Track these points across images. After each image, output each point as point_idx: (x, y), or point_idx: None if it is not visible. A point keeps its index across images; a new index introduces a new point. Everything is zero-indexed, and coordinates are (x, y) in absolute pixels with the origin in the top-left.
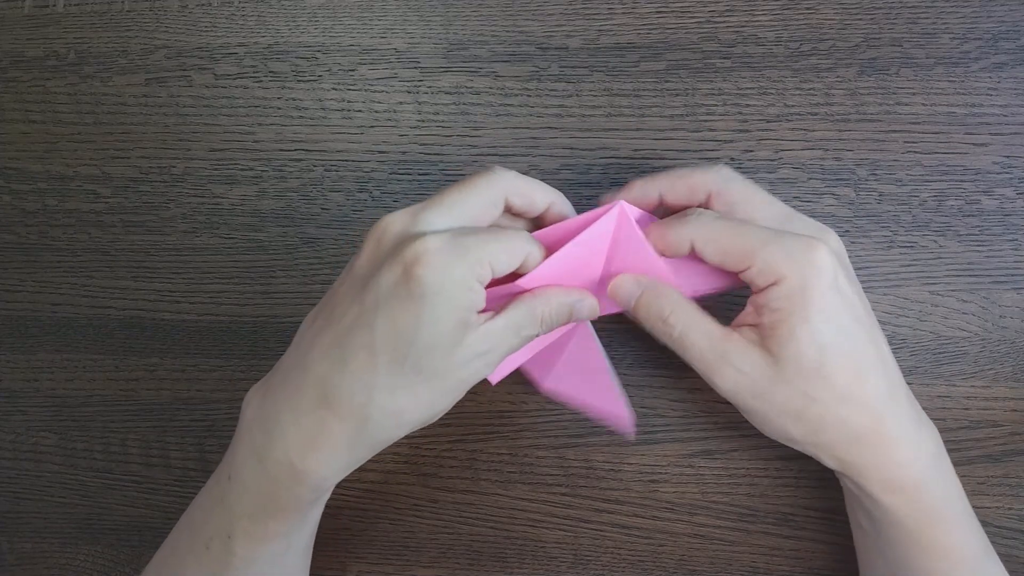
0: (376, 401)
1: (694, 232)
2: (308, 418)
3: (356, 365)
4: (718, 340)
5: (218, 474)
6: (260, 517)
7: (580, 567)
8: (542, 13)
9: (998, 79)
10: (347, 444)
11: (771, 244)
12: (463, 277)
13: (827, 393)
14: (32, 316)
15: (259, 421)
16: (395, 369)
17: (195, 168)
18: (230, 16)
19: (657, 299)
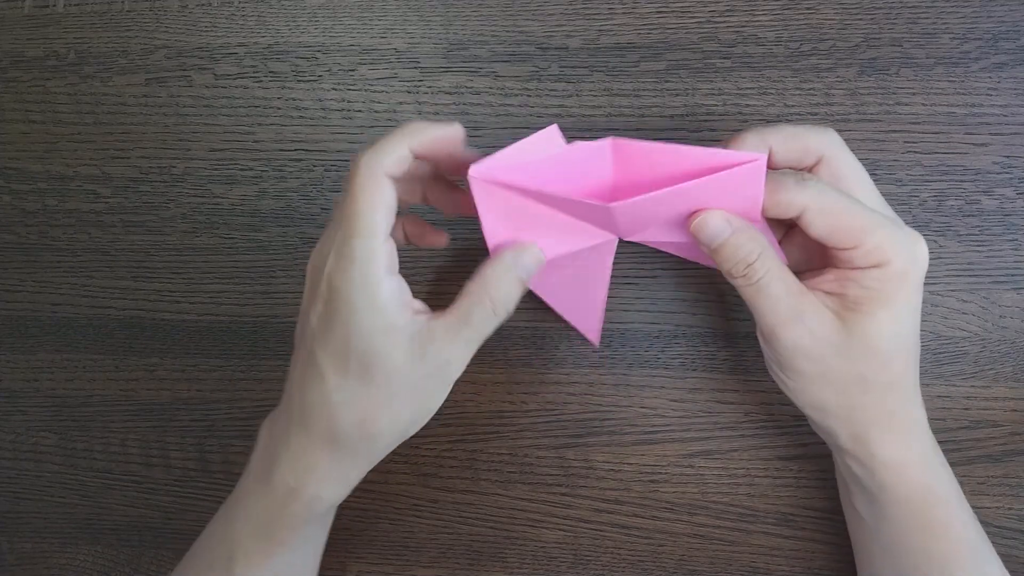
0: (337, 415)
1: (811, 200)
2: (294, 440)
3: (313, 393)
4: (796, 295)
5: (230, 499)
6: (260, 537)
7: (580, 567)
8: (542, 13)
9: (998, 79)
10: (329, 462)
11: (885, 228)
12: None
13: (882, 377)
14: (32, 316)
15: (266, 448)
16: (342, 381)
17: (195, 168)
18: (230, 16)
19: (749, 241)
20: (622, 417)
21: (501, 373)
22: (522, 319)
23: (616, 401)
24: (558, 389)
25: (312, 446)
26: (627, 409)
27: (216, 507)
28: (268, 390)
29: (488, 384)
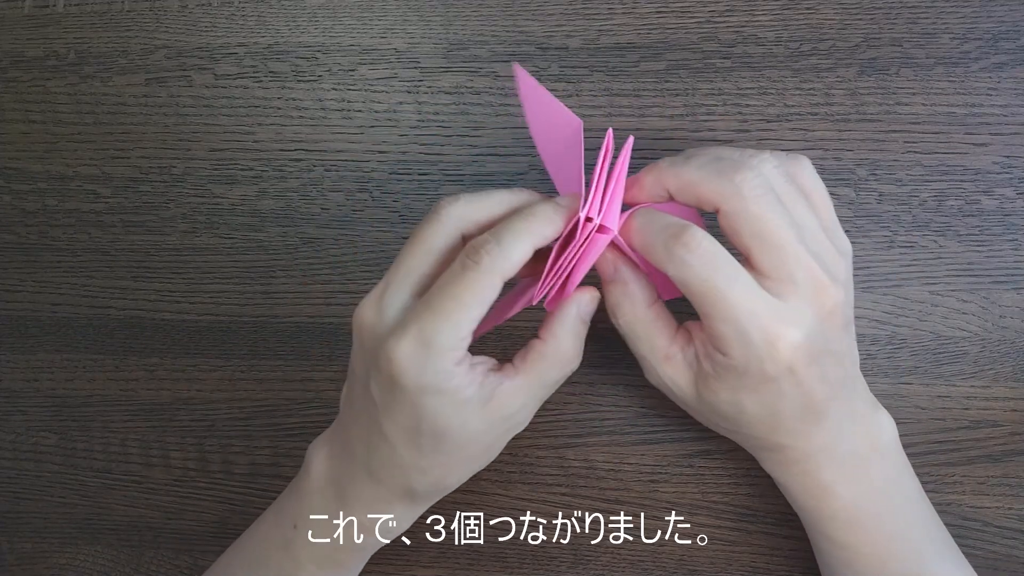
0: (413, 479)
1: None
2: (366, 490)
3: (383, 456)
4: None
5: (278, 518)
6: (327, 564)
7: (580, 567)
8: (542, 13)
9: (998, 79)
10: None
11: (728, 323)
12: (437, 370)
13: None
14: (32, 316)
15: (330, 483)
16: (416, 455)
17: (195, 168)
18: (230, 16)
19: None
20: (622, 417)
21: None
22: (522, 319)
23: (616, 401)
24: (558, 389)
25: (387, 496)
26: (627, 409)
27: (216, 507)
28: (268, 390)
29: None
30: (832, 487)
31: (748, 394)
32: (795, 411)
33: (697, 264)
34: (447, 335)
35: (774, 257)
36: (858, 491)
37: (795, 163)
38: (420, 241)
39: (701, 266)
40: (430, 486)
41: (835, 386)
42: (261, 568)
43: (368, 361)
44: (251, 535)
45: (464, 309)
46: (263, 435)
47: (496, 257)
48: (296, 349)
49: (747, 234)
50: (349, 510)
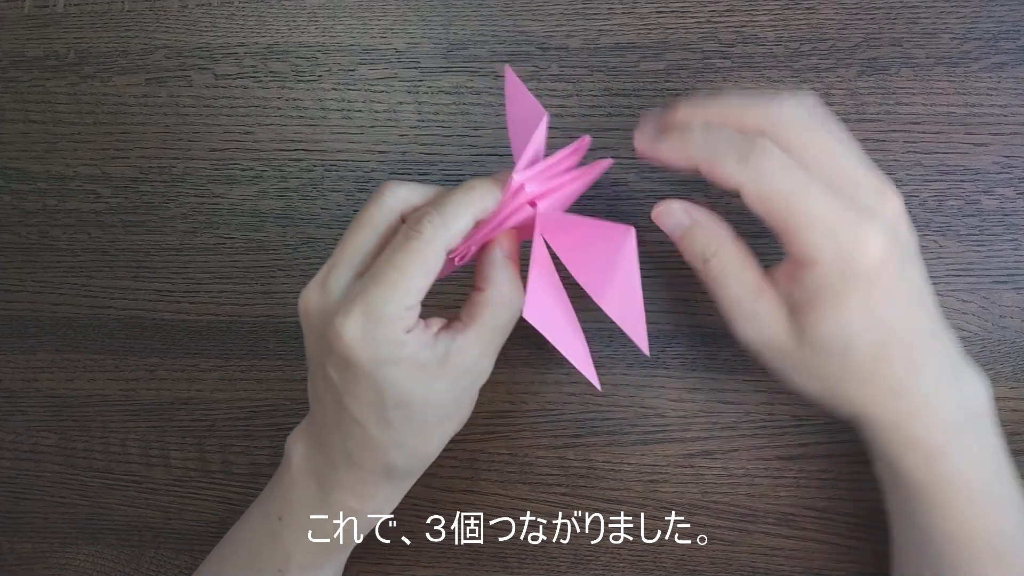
0: (391, 455)
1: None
2: (346, 475)
3: (357, 438)
4: (753, 295)
5: (265, 512)
6: (315, 553)
7: (580, 567)
8: (542, 13)
9: (998, 79)
10: (387, 487)
11: (813, 226)
12: (389, 340)
13: (847, 372)
14: (32, 316)
15: (310, 473)
16: (388, 430)
17: (195, 168)
18: (230, 16)
19: (705, 236)
20: (622, 417)
21: (501, 373)
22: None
23: (616, 401)
24: (558, 389)
25: (368, 478)
26: (627, 409)
27: (216, 507)
28: (268, 390)
29: (488, 384)
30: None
31: (852, 311)
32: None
33: (777, 170)
34: (394, 304)
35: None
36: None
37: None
38: (363, 222)
39: (781, 173)
40: (409, 458)
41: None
42: (251, 562)
43: (320, 345)
44: (238, 530)
45: (409, 278)
46: (263, 435)
47: (438, 226)
48: (296, 349)
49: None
50: (332, 497)
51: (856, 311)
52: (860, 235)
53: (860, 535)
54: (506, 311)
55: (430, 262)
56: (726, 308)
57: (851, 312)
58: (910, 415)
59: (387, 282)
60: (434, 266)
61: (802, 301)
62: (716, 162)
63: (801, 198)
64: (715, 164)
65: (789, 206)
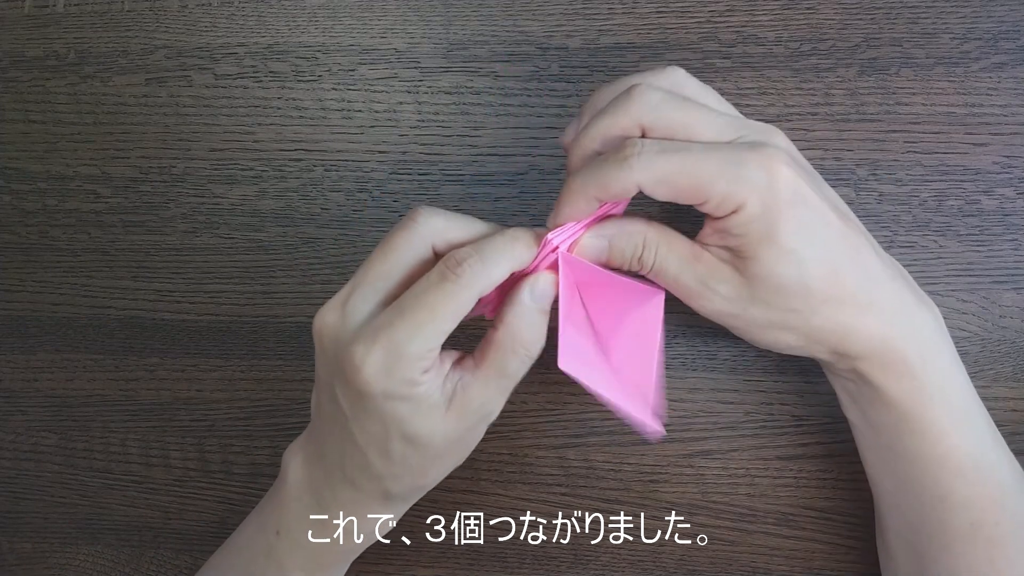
0: (389, 484)
1: (639, 178)
2: (344, 495)
3: (358, 463)
4: (691, 264)
5: (261, 526)
6: (312, 568)
7: (580, 567)
8: (542, 13)
9: (998, 79)
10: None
11: (723, 172)
12: (405, 379)
13: (807, 301)
14: (32, 316)
15: (307, 488)
16: (389, 462)
17: (195, 168)
18: (230, 16)
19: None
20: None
21: None
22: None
23: None
24: (558, 389)
25: (365, 500)
26: None
27: (216, 507)
28: (268, 390)
29: None
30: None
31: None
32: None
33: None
34: (418, 345)
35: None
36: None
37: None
38: (392, 248)
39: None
40: (407, 488)
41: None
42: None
43: (332, 369)
44: (234, 543)
45: (438, 320)
46: (263, 435)
47: (478, 272)
48: (296, 349)
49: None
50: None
51: (793, 236)
52: (764, 165)
53: (860, 535)
54: (517, 359)
55: (463, 307)
56: (677, 290)
57: (789, 238)
58: (883, 330)
59: (415, 321)
60: (465, 311)
61: (740, 248)
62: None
63: (693, 162)
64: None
65: (688, 174)
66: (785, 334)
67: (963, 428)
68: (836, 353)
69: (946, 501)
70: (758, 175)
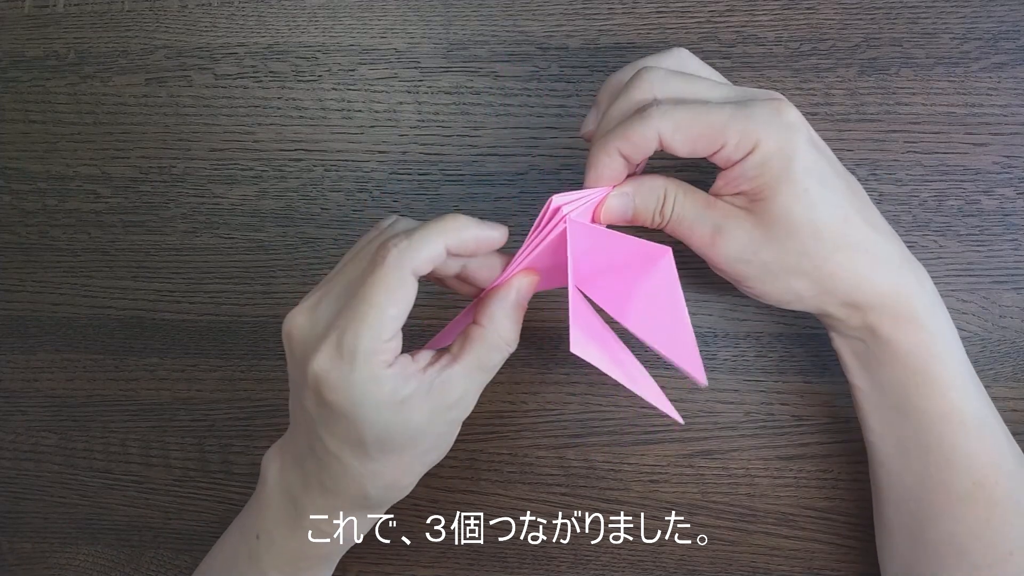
0: (367, 485)
1: (659, 127)
2: (321, 501)
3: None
4: (705, 210)
5: (243, 529)
6: (292, 571)
7: (580, 567)
8: (542, 13)
9: (998, 79)
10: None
11: (739, 115)
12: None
13: (821, 244)
14: (32, 316)
15: (284, 491)
16: (366, 462)
17: (195, 168)
18: (230, 16)
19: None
20: (622, 417)
21: (501, 373)
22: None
23: (616, 401)
24: (558, 389)
25: (341, 506)
26: (627, 409)
27: (216, 507)
28: (268, 390)
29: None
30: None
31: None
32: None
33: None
34: (368, 340)
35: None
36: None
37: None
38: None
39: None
40: (385, 489)
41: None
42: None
43: (298, 374)
44: (220, 548)
45: (379, 310)
46: (263, 435)
47: (404, 250)
48: None
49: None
50: (305, 518)
51: (807, 175)
52: (776, 108)
53: (860, 535)
54: (498, 352)
55: (397, 290)
56: (694, 239)
57: (803, 177)
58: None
59: (356, 317)
60: (404, 294)
61: (755, 191)
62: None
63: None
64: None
65: (705, 121)
66: (797, 280)
67: (968, 386)
68: (848, 304)
69: (950, 460)
70: (771, 116)
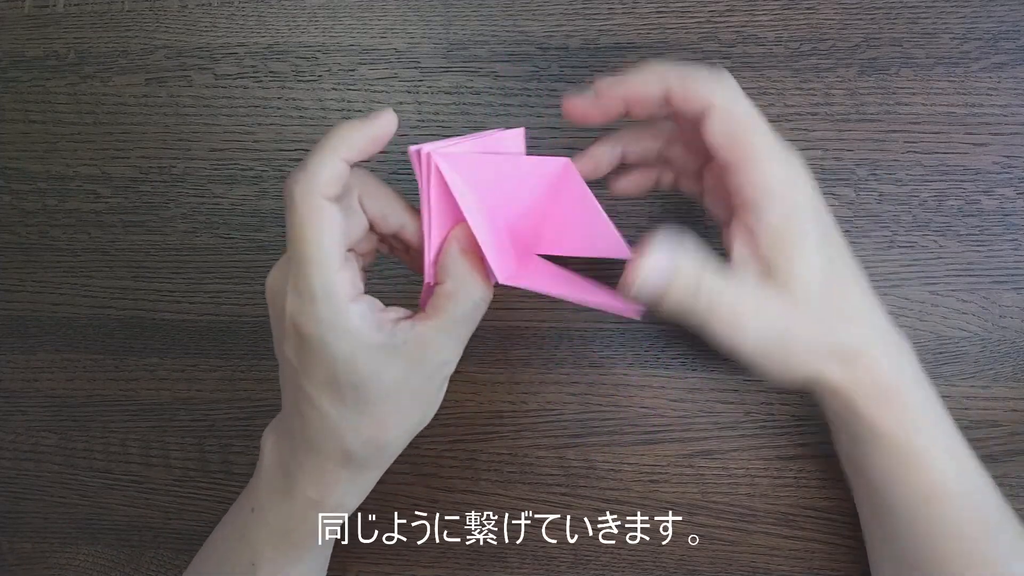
0: (348, 439)
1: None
2: (307, 462)
3: (315, 422)
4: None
5: (239, 506)
6: (282, 546)
7: (580, 567)
8: (542, 13)
9: (998, 79)
10: (347, 475)
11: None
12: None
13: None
14: (32, 316)
15: (278, 464)
16: (342, 409)
17: (195, 168)
18: (230, 16)
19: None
20: (622, 417)
21: (501, 373)
22: (522, 319)
23: (616, 401)
24: (558, 389)
25: (327, 464)
26: (627, 409)
27: (216, 507)
28: (268, 390)
29: (488, 384)
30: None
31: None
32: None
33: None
34: (317, 275)
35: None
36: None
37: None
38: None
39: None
40: (366, 445)
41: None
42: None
43: (279, 326)
44: (220, 526)
45: (315, 246)
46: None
47: (303, 182)
48: None
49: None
50: (295, 486)
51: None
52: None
53: (860, 535)
54: (468, 300)
55: (317, 221)
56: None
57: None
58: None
59: (297, 258)
60: (327, 222)
61: (769, 246)
62: (689, 79)
63: (760, 123)
64: (688, 81)
65: (752, 129)
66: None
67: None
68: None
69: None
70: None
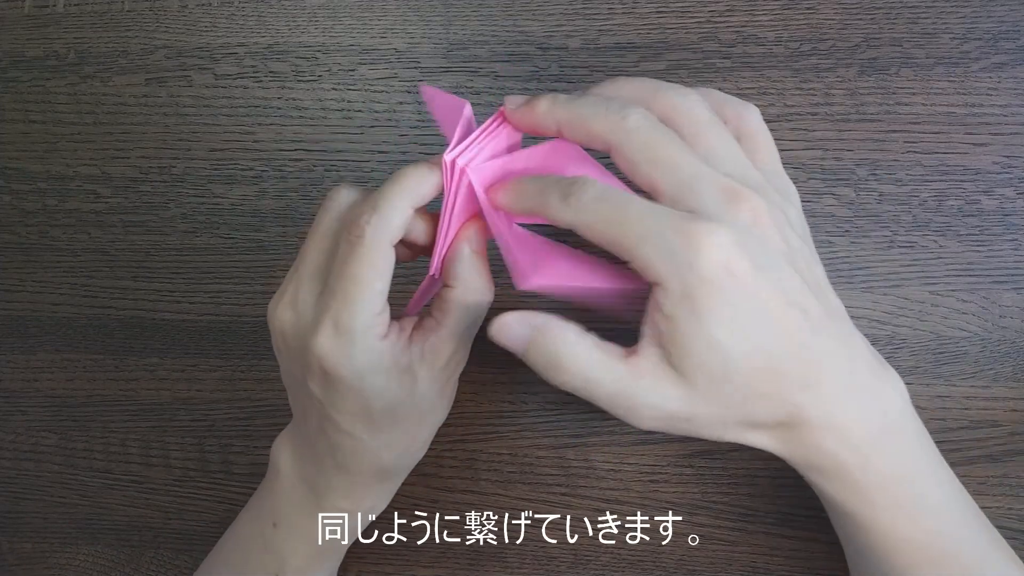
0: (383, 456)
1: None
2: (337, 480)
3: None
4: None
5: (256, 519)
6: (311, 556)
7: (580, 567)
8: (542, 13)
9: (998, 79)
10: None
11: (647, 242)
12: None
13: (740, 395)
14: (32, 316)
15: (301, 480)
16: (377, 434)
17: (195, 168)
18: (230, 16)
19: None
20: None
21: (501, 373)
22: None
23: None
24: (558, 389)
25: (360, 481)
26: None
27: (216, 507)
28: (268, 390)
29: (488, 384)
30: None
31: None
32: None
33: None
34: (360, 317)
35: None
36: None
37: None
38: (317, 233)
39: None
40: (400, 456)
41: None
42: (243, 569)
43: (298, 363)
44: (227, 541)
45: (365, 287)
46: (263, 435)
47: (378, 226)
48: None
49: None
50: (326, 502)
51: (716, 326)
52: (692, 241)
53: None
54: (475, 307)
55: (380, 264)
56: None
57: (712, 327)
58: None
59: (345, 296)
60: (385, 266)
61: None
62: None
63: (622, 218)
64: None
65: (616, 230)
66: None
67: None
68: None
69: None
70: (682, 252)
